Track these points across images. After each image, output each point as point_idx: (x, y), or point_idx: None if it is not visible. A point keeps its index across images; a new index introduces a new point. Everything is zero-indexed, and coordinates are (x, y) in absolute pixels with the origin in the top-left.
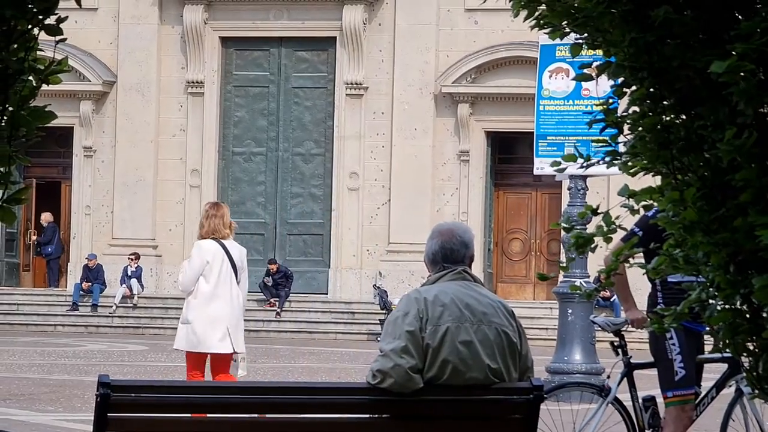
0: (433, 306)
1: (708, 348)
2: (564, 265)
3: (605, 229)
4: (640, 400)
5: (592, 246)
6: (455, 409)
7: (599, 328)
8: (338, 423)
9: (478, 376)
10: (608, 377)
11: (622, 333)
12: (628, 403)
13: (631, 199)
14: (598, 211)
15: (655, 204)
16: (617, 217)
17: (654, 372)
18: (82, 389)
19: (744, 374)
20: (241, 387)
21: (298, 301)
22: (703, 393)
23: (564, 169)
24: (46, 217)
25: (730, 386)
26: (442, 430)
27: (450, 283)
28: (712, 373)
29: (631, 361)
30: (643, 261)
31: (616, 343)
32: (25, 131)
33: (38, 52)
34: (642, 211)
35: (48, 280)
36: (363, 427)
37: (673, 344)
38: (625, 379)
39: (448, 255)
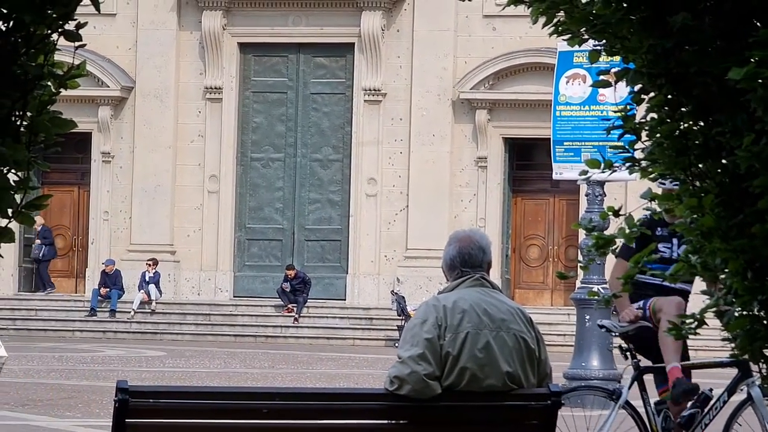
0: (452, 313)
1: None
2: (583, 265)
3: (627, 231)
4: (652, 404)
5: (613, 248)
6: (473, 414)
7: (612, 333)
8: (356, 429)
9: (496, 383)
10: (619, 381)
11: (631, 336)
12: (641, 408)
13: (653, 202)
14: (620, 212)
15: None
16: (638, 220)
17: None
18: (100, 395)
19: (755, 379)
20: (259, 393)
21: (316, 307)
22: (715, 397)
23: (589, 177)
24: (38, 220)
25: (741, 390)
26: None
27: (468, 289)
28: (723, 379)
29: (640, 364)
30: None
31: (624, 347)
32: (44, 137)
33: (57, 57)
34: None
35: (35, 285)
36: None
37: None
38: (636, 383)
39: (467, 260)
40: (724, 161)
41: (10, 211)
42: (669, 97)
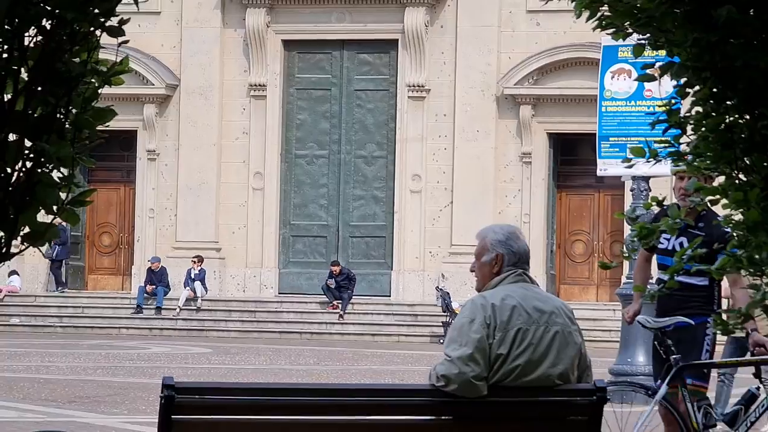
0: (501, 310)
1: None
2: (627, 255)
3: (671, 221)
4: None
5: (656, 237)
6: (519, 410)
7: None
8: (401, 425)
9: (544, 378)
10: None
11: (668, 332)
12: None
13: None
14: (664, 204)
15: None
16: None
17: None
18: (146, 391)
19: None
20: (305, 389)
21: (360, 304)
22: (762, 396)
23: (633, 165)
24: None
25: None
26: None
27: (512, 285)
28: None
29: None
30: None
31: (662, 343)
32: (88, 133)
33: (101, 55)
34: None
35: (53, 283)
36: (426, 428)
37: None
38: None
39: (528, 258)
40: None
41: (54, 207)
42: (714, 90)
